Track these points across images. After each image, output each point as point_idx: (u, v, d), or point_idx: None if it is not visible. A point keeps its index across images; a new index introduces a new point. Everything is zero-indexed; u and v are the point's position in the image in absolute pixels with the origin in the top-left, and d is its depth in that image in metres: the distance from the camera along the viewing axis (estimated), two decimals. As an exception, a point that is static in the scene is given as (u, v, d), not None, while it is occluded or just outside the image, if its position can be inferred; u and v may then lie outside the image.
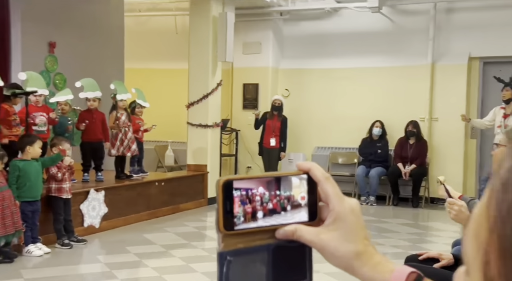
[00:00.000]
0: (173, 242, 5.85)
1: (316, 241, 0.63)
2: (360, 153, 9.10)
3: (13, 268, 4.73)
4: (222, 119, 9.06)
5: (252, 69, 9.73)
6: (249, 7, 9.35)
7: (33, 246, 5.16)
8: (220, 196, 0.63)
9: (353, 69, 9.35)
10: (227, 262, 0.63)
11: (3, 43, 7.17)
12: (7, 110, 5.72)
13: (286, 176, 0.67)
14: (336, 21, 9.52)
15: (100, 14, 8.52)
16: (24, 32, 7.30)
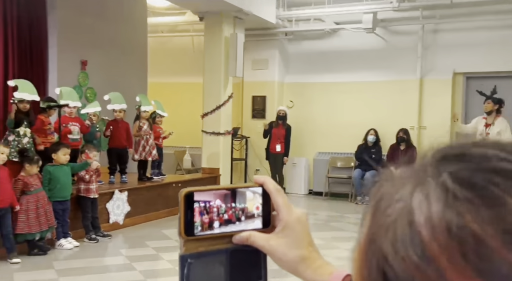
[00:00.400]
0: (188, 237, 5.85)
1: (266, 246, 0.64)
2: (356, 157, 9.07)
3: (46, 259, 4.78)
4: (234, 127, 9.09)
5: (260, 83, 9.75)
6: (257, 28, 9.38)
7: (64, 240, 5.21)
8: (182, 206, 0.63)
9: (350, 83, 9.34)
10: (188, 264, 0.63)
11: (41, 61, 7.27)
12: (43, 121, 5.79)
13: (242, 190, 0.68)
14: (335, 41, 9.53)
15: (126, 35, 8.59)
16: (60, 51, 7.38)
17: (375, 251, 0.35)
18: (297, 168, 9.57)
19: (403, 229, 0.33)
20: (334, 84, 9.45)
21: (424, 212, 0.33)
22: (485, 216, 0.31)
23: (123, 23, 8.53)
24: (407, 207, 0.34)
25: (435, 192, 0.33)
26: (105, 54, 8.12)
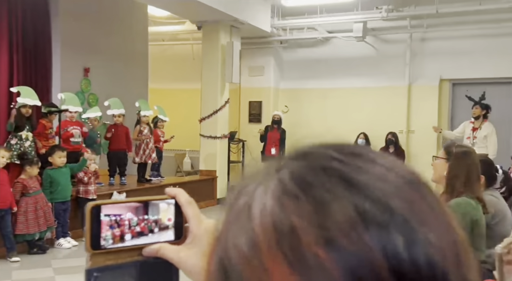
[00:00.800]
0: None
1: (175, 258, 0.61)
2: (347, 160, 9.02)
3: (45, 258, 4.73)
4: (231, 131, 9.04)
5: (257, 89, 9.71)
6: (253, 37, 9.35)
7: (63, 240, 5.17)
8: (88, 220, 0.60)
9: (342, 89, 9.30)
10: (94, 278, 0.60)
11: (45, 68, 7.23)
12: (44, 125, 5.76)
13: (154, 202, 0.64)
14: (327, 49, 9.49)
15: (128, 43, 8.56)
16: (63, 58, 7.35)
17: (219, 248, 0.34)
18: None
19: (243, 223, 0.33)
20: (326, 90, 9.42)
21: (259, 205, 0.33)
22: (305, 210, 0.31)
23: (125, 32, 8.50)
24: (248, 202, 0.34)
25: (273, 187, 0.33)
26: (107, 62, 8.09)
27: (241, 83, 9.62)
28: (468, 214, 2.43)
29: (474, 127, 7.40)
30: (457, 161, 2.51)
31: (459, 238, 0.34)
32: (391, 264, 0.30)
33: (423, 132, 8.62)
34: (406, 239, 0.30)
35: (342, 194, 0.32)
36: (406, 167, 0.36)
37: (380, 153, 0.38)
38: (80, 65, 7.67)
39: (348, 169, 0.33)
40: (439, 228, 0.32)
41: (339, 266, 0.30)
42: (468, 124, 7.53)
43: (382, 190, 0.32)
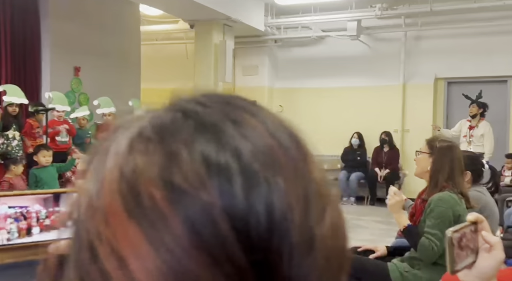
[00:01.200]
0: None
1: None
2: (342, 160, 8.92)
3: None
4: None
5: (251, 88, 9.58)
6: (247, 36, 9.23)
7: (50, 241, 5.06)
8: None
9: (336, 88, 9.20)
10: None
11: (34, 67, 7.11)
12: (31, 124, 5.64)
13: (69, 193, 0.53)
14: (321, 47, 9.38)
15: (120, 43, 8.43)
16: (53, 58, 7.23)
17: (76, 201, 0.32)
18: (286, 170, 9.42)
19: (98, 167, 0.31)
20: (321, 89, 9.31)
21: (114, 149, 0.31)
22: (152, 152, 0.29)
23: (117, 31, 8.38)
24: (107, 146, 0.31)
25: (132, 130, 0.31)
26: (99, 61, 7.96)
27: (235, 83, 9.54)
28: (451, 208, 2.41)
29: (471, 126, 7.32)
30: (441, 155, 2.48)
31: (314, 190, 0.31)
32: (230, 214, 0.27)
33: (418, 131, 8.50)
34: (247, 185, 0.28)
35: (194, 139, 0.29)
36: (282, 121, 0.34)
37: (261, 108, 0.35)
38: (71, 64, 7.54)
39: (209, 114, 0.31)
40: (292, 178, 0.30)
41: (177, 213, 0.27)
42: (465, 122, 7.45)
43: (236, 137, 0.30)
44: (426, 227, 2.48)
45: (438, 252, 2.43)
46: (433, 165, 2.52)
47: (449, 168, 2.47)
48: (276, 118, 0.35)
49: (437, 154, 2.51)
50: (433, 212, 2.46)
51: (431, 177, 2.53)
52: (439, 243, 2.42)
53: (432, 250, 2.44)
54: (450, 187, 2.47)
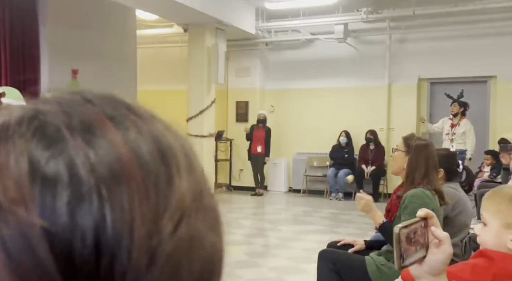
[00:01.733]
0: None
1: None
2: (330, 157, 8.94)
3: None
4: (219, 131, 8.92)
5: (243, 89, 9.60)
6: (239, 39, 9.23)
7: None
8: None
9: (325, 89, 9.21)
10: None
11: (33, 70, 7.08)
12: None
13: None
14: (310, 50, 9.39)
15: (116, 46, 8.41)
16: (51, 60, 7.20)
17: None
18: (278, 168, 9.42)
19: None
20: (310, 90, 9.33)
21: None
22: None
23: (113, 34, 8.35)
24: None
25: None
26: (96, 64, 7.93)
27: (228, 84, 9.55)
28: (424, 204, 2.40)
29: (453, 124, 7.37)
30: (417, 153, 2.49)
31: (170, 203, 0.27)
32: (50, 236, 0.23)
33: (403, 129, 8.43)
34: (74, 201, 0.24)
35: (28, 144, 0.25)
36: (160, 130, 0.30)
37: (139, 112, 0.30)
38: (68, 67, 7.52)
39: (59, 117, 0.27)
40: (140, 191, 0.26)
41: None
42: (447, 120, 7.50)
43: (79, 145, 0.25)
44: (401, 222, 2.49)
45: None
46: (409, 163, 2.52)
47: (425, 166, 2.48)
48: (153, 126, 0.30)
49: (414, 152, 2.51)
50: (408, 208, 2.47)
51: (407, 175, 2.53)
52: None
53: None
54: (424, 184, 2.47)
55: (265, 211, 7.51)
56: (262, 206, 8.06)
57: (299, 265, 4.33)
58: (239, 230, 6.01)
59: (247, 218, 6.80)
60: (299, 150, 9.42)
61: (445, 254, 0.92)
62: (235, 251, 4.89)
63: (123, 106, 0.30)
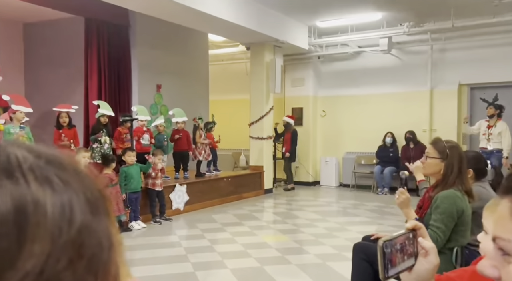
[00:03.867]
0: (229, 221, 5.78)
1: None
2: (377, 156, 8.62)
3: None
4: (277, 133, 8.93)
5: (298, 97, 9.53)
6: (294, 54, 9.19)
7: (135, 223, 5.31)
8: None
9: (372, 95, 8.92)
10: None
11: (126, 86, 7.51)
12: (120, 131, 5.97)
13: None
14: (358, 61, 9.11)
15: (192, 64, 8.70)
16: (140, 77, 7.60)
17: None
18: (329, 165, 9.25)
19: None
20: (359, 96, 9.07)
21: None
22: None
23: (190, 54, 8.65)
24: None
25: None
26: (176, 79, 8.26)
27: (285, 93, 9.54)
28: (455, 204, 2.31)
29: (489, 125, 6.88)
30: (452, 156, 2.33)
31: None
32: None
33: (445, 130, 8.04)
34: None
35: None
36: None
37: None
38: (154, 83, 7.89)
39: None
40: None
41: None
42: (484, 122, 7.02)
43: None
44: (432, 220, 2.36)
45: (442, 242, 2.32)
46: (446, 169, 2.35)
47: (458, 167, 2.34)
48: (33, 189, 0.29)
49: (450, 156, 2.34)
50: (439, 208, 2.33)
51: (443, 177, 2.36)
52: (442, 236, 2.31)
53: (436, 241, 2.31)
54: (457, 184, 2.34)
55: (316, 204, 7.42)
56: (314, 199, 7.97)
57: (342, 253, 4.23)
58: (292, 220, 5.98)
59: (300, 209, 6.75)
60: (348, 150, 9.20)
61: (432, 264, 0.86)
62: (286, 239, 4.88)
63: (31, 165, 0.29)
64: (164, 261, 3.99)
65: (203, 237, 4.90)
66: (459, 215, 2.31)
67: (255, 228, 5.41)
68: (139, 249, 4.41)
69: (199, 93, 8.84)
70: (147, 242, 4.70)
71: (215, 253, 4.27)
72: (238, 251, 4.35)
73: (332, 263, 3.97)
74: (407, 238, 0.90)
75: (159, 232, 5.19)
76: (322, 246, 4.56)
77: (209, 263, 3.94)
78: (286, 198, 7.95)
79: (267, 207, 7.04)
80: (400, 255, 0.87)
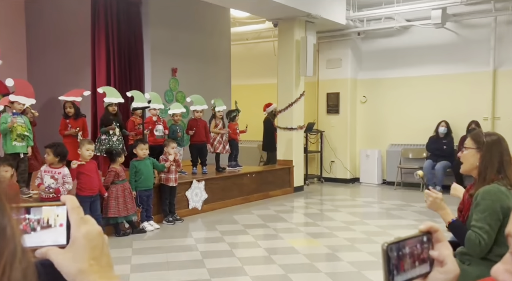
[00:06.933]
0: (253, 222, 5.82)
1: (55, 260, 0.63)
2: (427, 149, 8.40)
3: (129, 239, 5.02)
4: (309, 123, 8.89)
5: (334, 81, 9.42)
6: (330, 30, 9.07)
7: (147, 223, 5.44)
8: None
9: (421, 77, 8.69)
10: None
11: (138, 70, 7.67)
12: (133, 121, 6.11)
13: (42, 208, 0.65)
14: (405, 37, 8.88)
15: (212, 44, 8.76)
16: (153, 60, 7.73)
17: None
18: (371, 159, 9.12)
19: None
20: (406, 79, 8.86)
21: None
22: None
23: (209, 33, 8.71)
24: None
25: None
26: (193, 62, 8.35)
27: (319, 76, 9.46)
28: (498, 201, 2.25)
29: None
30: (489, 149, 2.31)
31: None
32: None
33: (510, 118, 7.74)
34: None
35: None
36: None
37: None
38: (169, 66, 8.00)
39: None
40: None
41: None
42: None
43: None
44: (473, 220, 2.31)
45: (486, 246, 2.25)
46: (482, 160, 2.34)
47: (498, 161, 2.31)
48: None
49: (486, 149, 2.32)
50: (480, 205, 2.29)
51: (480, 172, 2.36)
52: (486, 237, 2.24)
53: (479, 244, 2.26)
54: (500, 179, 2.31)
55: (354, 204, 7.35)
56: (352, 199, 7.89)
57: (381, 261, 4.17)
58: (325, 222, 5.96)
59: (335, 210, 6.71)
60: (393, 142, 9.03)
61: (449, 274, 0.83)
62: (317, 244, 4.87)
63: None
64: (178, 266, 4.08)
65: (222, 240, 4.97)
66: (505, 213, 2.24)
67: (282, 231, 5.43)
68: (151, 252, 4.53)
69: (220, 77, 8.91)
70: (161, 245, 4.80)
71: (235, 258, 4.32)
72: (261, 257, 4.39)
73: (368, 272, 3.93)
74: (420, 242, 0.88)
75: (174, 234, 5.29)
76: (358, 252, 4.53)
77: (227, 270, 4.00)
78: (320, 198, 7.91)
79: (297, 207, 7.05)
80: (410, 260, 0.86)
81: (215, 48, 8.83)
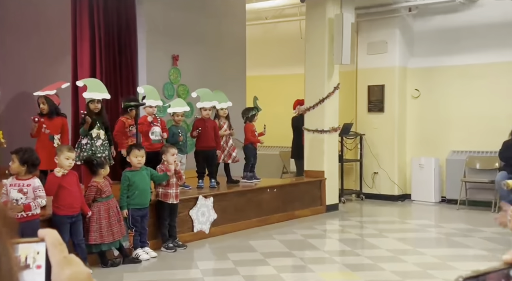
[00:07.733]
0: (274, 250, 5.83)
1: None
2: (500, 157, 8.31)
3: (119, 271, 5.09)
4: (345, 123, 8.89)
5: (378, 70, 9.42)
6: (372, 6, 9.09)
7: (141, 250, 5.48)
8: None
9: (491, 64, 8.65)
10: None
11: (130, 58, 7.78)
12: (124, 122, 6.20)
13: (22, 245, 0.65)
14: (471, 13, 8.86)
15: (222, 26, 8.84)
16: (149, 47, 7.83)
17: None
18: (426, 171, 9.07)
19: None
20: (470, 67, 8.84)
21: None
22: None
23: (218, 12, 8.79)
24: None
25: None
26: (199, 48, 8.43)
27: (357, 64, 9.47)
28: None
29: None
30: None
31: None
32: None
33: None
34: None
35: None
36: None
37: None
38: (168, 53, 8.09)
39: None
40: None
41: None
42: None
43: None
44: None
45: None
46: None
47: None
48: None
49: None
50: None
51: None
52: None
53: None
54: None
55: (404, 228, 7.30)
56: (401, 221, 7.84)
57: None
58: (366, 251, 5.94)
59: (379, 236, 6.69)
60: (455, 148, 8.99)
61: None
62: (356, 278, 4.85)
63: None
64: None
65: (236, 272, 4.99)
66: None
67: (311, 261, 5.44)
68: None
69: (232, 66, 8.98)
70: (159, 278, 4.85)
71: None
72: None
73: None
74: (505, 277, 0.89)
75: (175, 264, 5.33)
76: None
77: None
78: (359, 219, 7.88)
79: (330, 231, 7.05)
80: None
81: (226, 30, 8.91)
